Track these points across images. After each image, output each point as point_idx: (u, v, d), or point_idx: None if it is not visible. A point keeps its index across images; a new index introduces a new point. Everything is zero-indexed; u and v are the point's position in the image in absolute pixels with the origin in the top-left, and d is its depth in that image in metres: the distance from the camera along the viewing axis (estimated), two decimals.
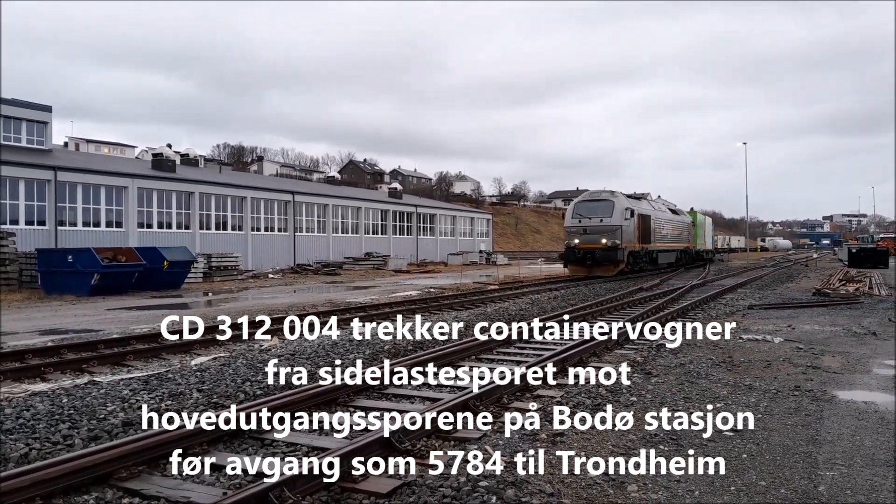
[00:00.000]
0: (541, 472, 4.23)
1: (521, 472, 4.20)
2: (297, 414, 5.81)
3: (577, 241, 27.86)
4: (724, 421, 5.46)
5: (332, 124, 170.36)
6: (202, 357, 9.13)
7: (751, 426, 5.33)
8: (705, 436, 5.07)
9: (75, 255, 21.51)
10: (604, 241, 27.10)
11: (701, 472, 4.31)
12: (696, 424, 5.35)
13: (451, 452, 4.77)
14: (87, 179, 30.25)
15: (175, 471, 4.57)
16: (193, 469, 4.62)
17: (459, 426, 5.52)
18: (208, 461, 4.70)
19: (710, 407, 5.91)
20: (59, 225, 28.81)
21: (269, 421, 5.54)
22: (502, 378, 6.72)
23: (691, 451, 4.69)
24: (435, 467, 4.31)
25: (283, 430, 5.47)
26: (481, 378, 7.47)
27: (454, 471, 4.15)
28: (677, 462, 4.47)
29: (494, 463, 4.31)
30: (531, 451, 4.60)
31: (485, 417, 5.74)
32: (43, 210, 28.61)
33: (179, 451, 4.76)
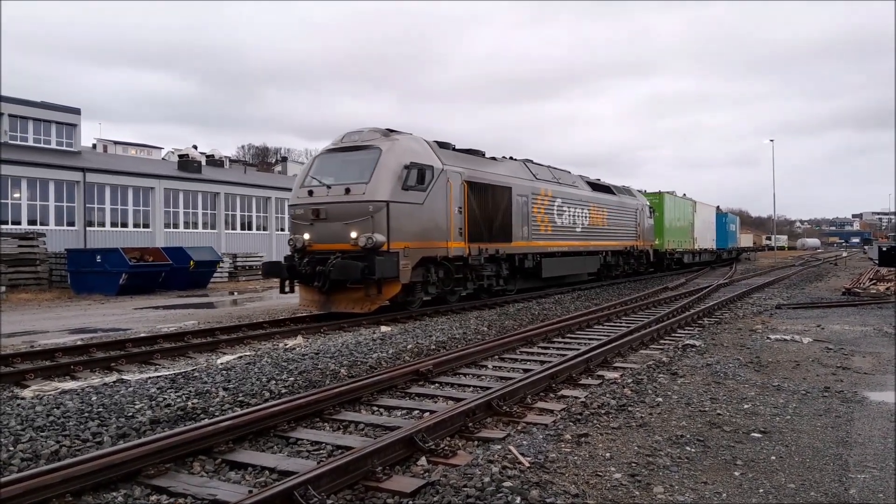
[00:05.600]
0: (565, 472, 4.21)
1: (545, 472, 4.18)
2: (321, 412, 5.86)
3: (306, 236, 13.33)
4: (753, 422, 5.40)
5: (336, 122, 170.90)
6: (228, 356, 9.21)
7: (780, 427, 5.25)
8: (733, 437, 5.00)
9: (104, 256, 21.89)
10: (353, 235, 12.70)
11: (729, 473, 4.25)
12: (724, 426, 5.28)
13: (474, 452, 4.76)
14: (115, 181, 30.73)
15: (201, 468, 4.62)
16: (220, 467, 4.67)
17: (483, 426, 5.52)
18: (234, 459, 4.75)
19: (737, 408, 5.84)
20: (88, 225, 29.32)
21: (294, 420, 5.59)
22: (526, 377, 6.70)
23: (718, 453, 4.63)
24: (458, 467, 4.31)
25: (308, 428, 5.51)
26: (504, 378, 7.48)
27: (478, 471, 4.14)
28: (704, 463, 4.42)
29: (518, 463, 4.30)
30: (555, 452, 4.58)
31: (508, 417, 5.72)
32: (72, 211, 29.13)
33: (206, 448, 4.82)
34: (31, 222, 27.69)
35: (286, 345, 10.03)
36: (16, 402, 6.50)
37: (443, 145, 15.43)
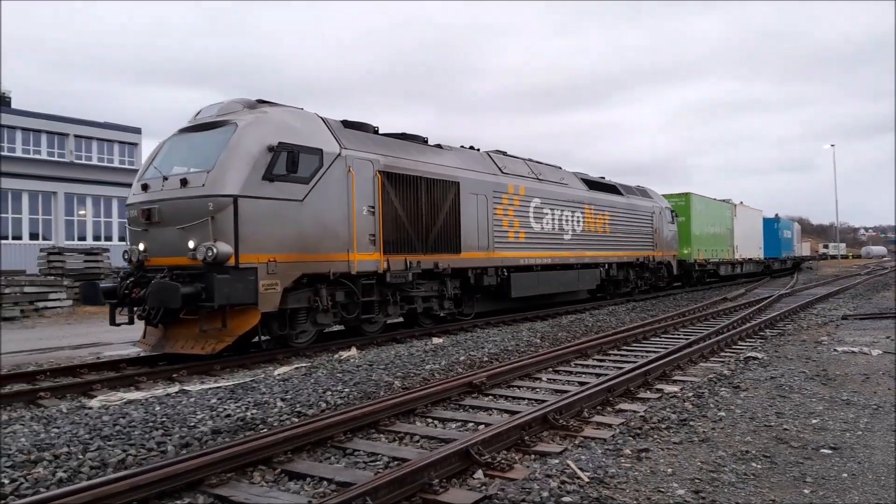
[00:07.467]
0: (626, 488, 4.12)
1: (605, 487, 4.10)
2: (377, 423, 5.90)
3: (141, 246, 9.90)
4: (822, 437, 5.19)
5: None
6: (284, 367, 9.35)
7: (851, 443, 5.03)
8: (801, 453, 4.82)
9: None
10: (190, 244, 9.21)
11: (798, 491, 4.09)
12: (791, 441, 5.10)
13: (532, 466, 4.70)
14: None
15: (262, 478, 4.69)
16: (279, 477, 4.72)
17: (539, 439, 5.45)
18: (293, 469, 4.80)
19: (805, 423, 5.63)
20: None
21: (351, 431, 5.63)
22: (582, 390, 6.60)
23: (786, 469, 4.47)
24: (516, 481, 4.26)
25: (364, 439, 5.55)
26: (559, 391, 7.39)
27: (536, 485, 4.09)
28: (772, 480, 4.26)
29: (577, 478, 4.22)
30: (615, 467, 4.49)
31: (565, 430, 5.64)
32: None
33: (265, 458, 4.89)
34: (96, 238, 28.76)
35: (341, 356, 10.13)
36: (84, 411, 6.73)
37: (353, 125, 11.79)
